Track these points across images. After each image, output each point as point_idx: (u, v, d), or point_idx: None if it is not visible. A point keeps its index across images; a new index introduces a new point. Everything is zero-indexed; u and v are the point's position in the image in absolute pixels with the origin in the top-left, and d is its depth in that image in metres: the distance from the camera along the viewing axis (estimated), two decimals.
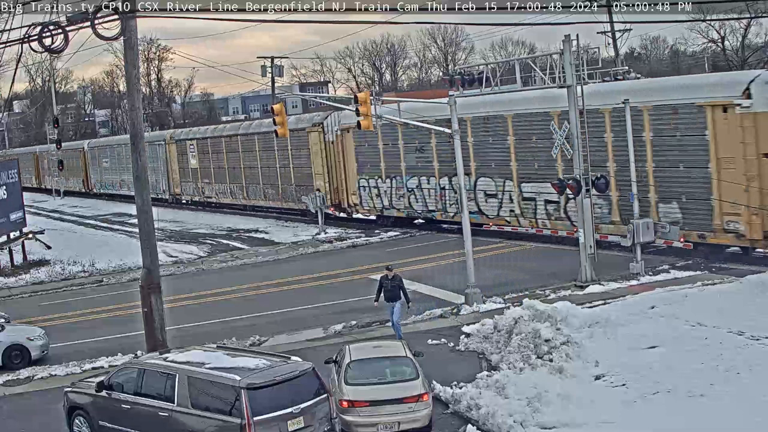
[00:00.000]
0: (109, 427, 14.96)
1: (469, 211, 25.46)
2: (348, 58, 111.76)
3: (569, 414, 14.73)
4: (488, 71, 27.25)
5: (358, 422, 14.59)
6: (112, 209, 61.82)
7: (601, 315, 19.96)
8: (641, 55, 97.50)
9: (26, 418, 17.79)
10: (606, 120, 28.71)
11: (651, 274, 25.12)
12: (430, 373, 16.38)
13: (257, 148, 49.16)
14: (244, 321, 24.76)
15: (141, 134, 20.08)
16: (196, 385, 13.81)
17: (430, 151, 36.69)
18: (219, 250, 38.77)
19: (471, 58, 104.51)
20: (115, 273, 34.56)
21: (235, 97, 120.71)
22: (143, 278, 19.80)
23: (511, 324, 19.11)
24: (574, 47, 24.89)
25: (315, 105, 75.62)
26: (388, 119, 27.76)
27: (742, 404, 14.32)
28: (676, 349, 17.33)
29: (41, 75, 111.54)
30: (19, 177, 38.46)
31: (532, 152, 32.05)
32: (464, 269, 24.36)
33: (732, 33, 67.39)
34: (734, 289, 21.29)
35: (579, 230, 25.37)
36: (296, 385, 13.64)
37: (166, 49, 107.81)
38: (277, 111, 30.55)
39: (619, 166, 28.26)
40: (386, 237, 38.17)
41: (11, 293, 32.17)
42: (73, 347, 23.29)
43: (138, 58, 20.11)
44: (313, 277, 30.36)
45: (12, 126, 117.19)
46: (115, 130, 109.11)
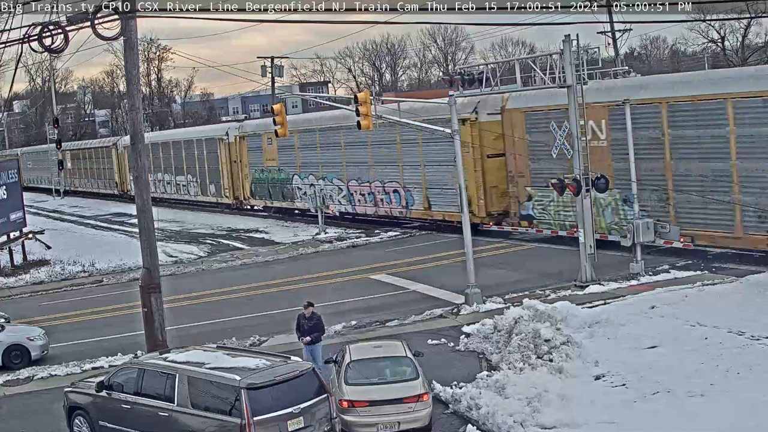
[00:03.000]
0: (109, 427, 14.96)
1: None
2: (348, 58, 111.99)
3: (569, 414, 14.73)
4: (488, 71, 27.27)
5: (358, 422, 14.59)
6: (111, 209, 61.81)
7: (601, 315, 19.98)
8: (641, 55, 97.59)
9: (26, 418, 17.79)
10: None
11: (651, 274, 25.11)
12: (430, 373, 16.39)
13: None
14: (244, 321, 24.76)
15: (141, 134, 20.08)
16: (196, 385, 13.81)
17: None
18: (219, 250, 38.76)
19: (471, 58, 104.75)
20: (115, 273, 34.54)
21: (235, 97, 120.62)
22: (143, 278, 19.81)
23: (511, 324, 19.12)
24: (574, 47, 24.90)
25: (315, 105, 75.59)
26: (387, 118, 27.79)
27: (742, 404, 14.31)
28: (676, 349, 17.34)
29: (41, 75, 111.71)
30: (19, 177, 38.44)
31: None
32: (464, 269, 24.37)
33: (732, 33, 67.47)
34: (734, 289, 21.30)
35: (579, 230, 25.36)
36: (296, 385, 13.64)
37: (166, 49, 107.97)
38: (277, 111, 30.58)
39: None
40: (386, 237, 38.16)
41: (11, 293, 32.15)
42: (73, 347, 23.30)
43: (138, 58, 20.12)
44: (313, 277, 30.36)
45: (12, 126, 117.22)
46: (115, 130, 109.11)
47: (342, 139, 41.53)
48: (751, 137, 25.00)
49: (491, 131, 33.03)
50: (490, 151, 33.80)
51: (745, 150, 25.08)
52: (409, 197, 38.24)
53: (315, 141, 43.99)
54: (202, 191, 55.34)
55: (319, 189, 42.62)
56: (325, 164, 43.50)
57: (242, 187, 51.23)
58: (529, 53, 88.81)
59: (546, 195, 31.15)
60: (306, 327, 17.96)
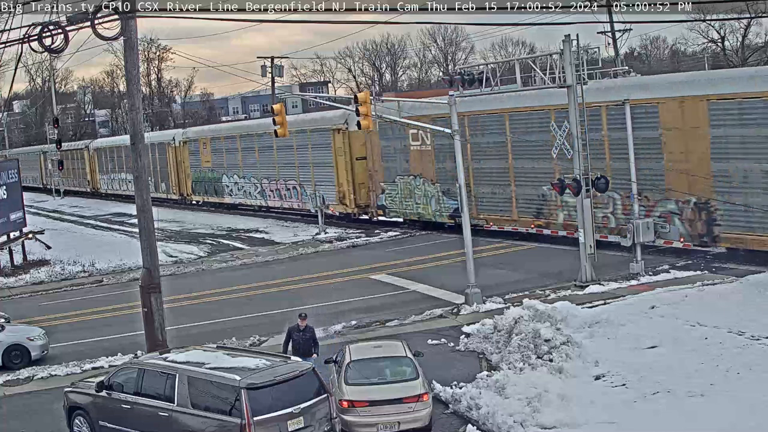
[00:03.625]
0: (109, 427, 14.97)
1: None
2: (348, 58, 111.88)
3: (569, 414, 14.73)
4: (488, 71, 27.25)
5: (358, 422, 14.60)
6: (111, 209, 61.85)
7: (601, 315, 19.98)
8: (641, 55, 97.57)
9: (26, 418, 17.80)
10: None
11: (651, 274, 25.11)
12: (430, 373, 16.39)
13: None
14: (244, 321, 24.77)
15: (141, 134, 20.08)
16: (196, 385, 13.81)
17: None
18: (219, 250, 38.77)
19: (471, 58, 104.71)
20: (115, 273, 34.55)
21: (235, 97, 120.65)
22: (143, 278, 19.81)
23: (511, 324, 19.12)
24: (574, 47, 24.88)
25: (315, 105, 75.62)
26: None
27: (742, 404, 14.31)
28: (676, 349, 17.34)
29: (41, 75, 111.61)
30: (19, 177, 38.41)
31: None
32: (464, 269, 24.37)
33: (732, 33, 67.41)
34: (734, 289, 21.29)
35: (579, 230, 25.36)
36: (296, 385, 13.64)
37: (166, 49, 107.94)
38: (277, 111, 30.60)
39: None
40: (386, 237, 38.17)
41: (11, 293, 32.16)
42: (73, 347, 23.30)
43: (138, 58, 20.11)
44: (313, 277, 30.36)
45: (12, 126, 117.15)
46: (115, 130, 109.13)
47: (256, 144, 49.32)
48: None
49: (358, 139, 40.75)
50: (358, 155, 41.51)
51: (518, 151, 32.44)
52: (304, 193, 45.15)
53: (237, 146, 51.90)
54: (155, 188, 60.14)
55: (240, 187, 51.39)
56: (245, 166, 51.08)
57: (186, 184, 58.73)
58: (529, 53, 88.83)
59: (393, 189, 39.42)
60: (300, 340, 17.17)
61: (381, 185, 40.12)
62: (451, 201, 35.12)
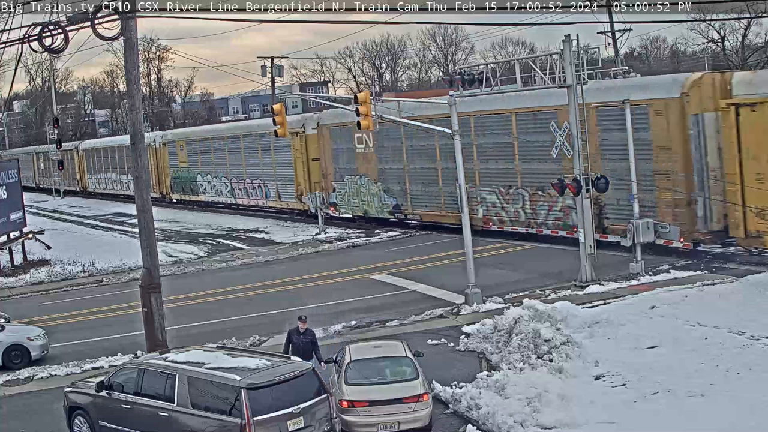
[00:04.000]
0: (109, 427, 14.97)
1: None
2: (348, 58, 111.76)
3: (569, 414, 14.73)
4: (488, 71, 27.24)
5: (358, 422, 14.60)
6: (111, 209, 61.84)
7: (601, 315, 19.98)
8: (641, 55, 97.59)
9: (26, 418, 17.80)
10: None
11: (651, 274, 25.11)
12: (430, 373, 16.39)
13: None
14: (244, 321, 24.77)
15: (141, 134, 20.10)
16: (196, 385, 13.81)
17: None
18: (219, 250, 38.77)
19: (471, 58, 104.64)
20: (115, 273, 34.55)
21: (235, 97, 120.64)
22: (143, 278, 19.80)
23: (511, 324, 19.12)
24: (574, 47, 24.88)
25: (315, 105, 75.59)
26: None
27: (742, 404, 14.31)
28: (676, 349, 17.34)
29: (41, 75, 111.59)
30: (19, 177, 38.41)
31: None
32: (464, 269, 24.37)
33: (732, 33, 67.33)
34: (734, 289, 21.29)
35: (579, 230, 25.36)
36: (296, 385, 13.64)
37: (166, 49, 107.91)
38: (277, 111, 30.62)
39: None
40: (386, 237, 38.18)
41: (11, 293, 32.16)
42: (73, 347, 23.31)
43: (138, 58, 20.11)
44: (312, 277, 30.37)
45: (12, 126, 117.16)
46: (115, 130, 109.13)
47: (226, 146, 53.01)
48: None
49: (313, 141, 44.75)
50: (314, 156, 45.00)
51: (413, 155, 37.30)
52: (267, 191, 48.99)
53: (210, 147, 55.38)
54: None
55: (212, 186, 54.96)
56: (216, 166, 54.57)
57: (165, 183, 61.62)
58: (529, 53, 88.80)
59: (343, 187, 42.73)
60: (300, 344, 16.89)
61: (332, 184, 43.46)
62: (390, 198, 39.56)
